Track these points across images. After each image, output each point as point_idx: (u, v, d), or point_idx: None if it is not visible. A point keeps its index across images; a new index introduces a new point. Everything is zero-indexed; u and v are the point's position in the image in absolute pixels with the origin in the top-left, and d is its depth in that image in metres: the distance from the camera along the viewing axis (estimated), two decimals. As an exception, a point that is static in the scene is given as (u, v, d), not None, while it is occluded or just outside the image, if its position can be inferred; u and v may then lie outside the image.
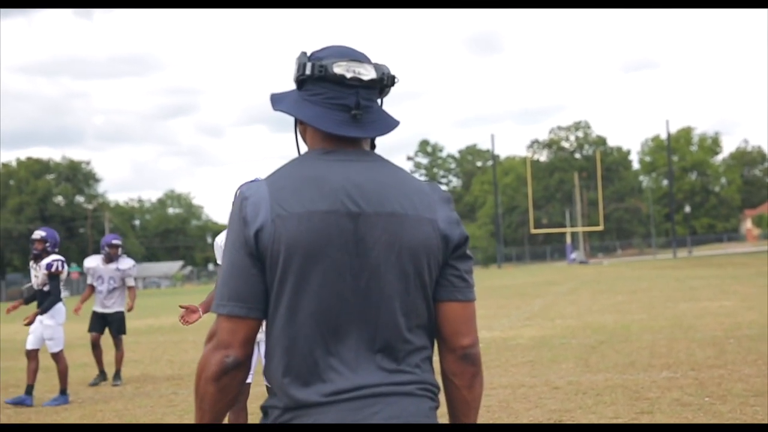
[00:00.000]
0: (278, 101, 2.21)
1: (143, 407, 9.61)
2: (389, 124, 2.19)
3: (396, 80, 2.21)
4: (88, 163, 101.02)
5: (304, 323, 2.05)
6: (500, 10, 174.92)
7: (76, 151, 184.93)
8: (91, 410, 9.66)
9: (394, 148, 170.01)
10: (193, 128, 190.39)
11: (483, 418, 7.84)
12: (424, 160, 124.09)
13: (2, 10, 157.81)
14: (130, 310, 12.32)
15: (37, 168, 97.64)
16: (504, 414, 8.07)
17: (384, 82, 2.17)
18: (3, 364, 14.80)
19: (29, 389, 10.18)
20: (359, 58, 2.15)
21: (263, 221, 2.04)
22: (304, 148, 2.24)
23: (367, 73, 2.13)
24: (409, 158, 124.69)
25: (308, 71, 2.13)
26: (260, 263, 2.06)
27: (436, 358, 2.18)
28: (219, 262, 6.32)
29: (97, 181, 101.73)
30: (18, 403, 10.05)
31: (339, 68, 2.11)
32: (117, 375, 11.91)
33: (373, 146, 2.26)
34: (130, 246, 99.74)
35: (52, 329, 10.21)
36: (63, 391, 10.31)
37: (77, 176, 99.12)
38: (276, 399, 2.09)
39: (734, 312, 16.81)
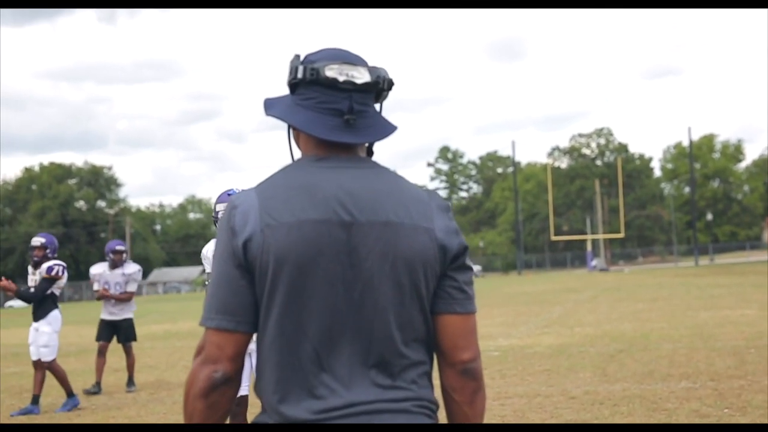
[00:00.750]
0: (271, 106, 2.13)
1: (156, 414, 9.56)
2: (385, 129, 2.10)
3: (393, 84, 2.11)
4: (110, 168, 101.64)
5: (295, 337, 1.96)
6: (522, 16, 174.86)
7: (99, 156, 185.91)
8: (104, 416, 9.62)
9: (415, 154, 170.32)
10: (215, 134, 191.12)
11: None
12: (444, 167, 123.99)
13: (27, 16, 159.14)
14: (105, 294, 11.95)
15: (59, 173, 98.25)
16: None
17: (380, 86, 2.08)
18: (18, 369, 14.81)
19: (35, 399, 10.11)
20: (353, 60, 2.06)
21: (252, 231, 1.96)
22: (298, 155, 2.16)
23: (361, 77, 2.03)
24: (429, 164, 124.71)
25: (300, 74, 2.05)
26: (249, 275, 1.97)
27: (436, 374, 2.10)
28: (208, 271, 6.27)
29: (118, 186, 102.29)
30: (26, 413, 9.97)
31: (331, 71, 2.02)
32: (130, 381, 11.87)
33: (370, 153, 2.17)
34: (151, 251, 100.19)
35: (48, 336, 10.02)
36: (70, 394, 10.23)
37: (99, 181, 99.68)
38: (266, 416, 2.01)
39: (755, 321, 16.61)
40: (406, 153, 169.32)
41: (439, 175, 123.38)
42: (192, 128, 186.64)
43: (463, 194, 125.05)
